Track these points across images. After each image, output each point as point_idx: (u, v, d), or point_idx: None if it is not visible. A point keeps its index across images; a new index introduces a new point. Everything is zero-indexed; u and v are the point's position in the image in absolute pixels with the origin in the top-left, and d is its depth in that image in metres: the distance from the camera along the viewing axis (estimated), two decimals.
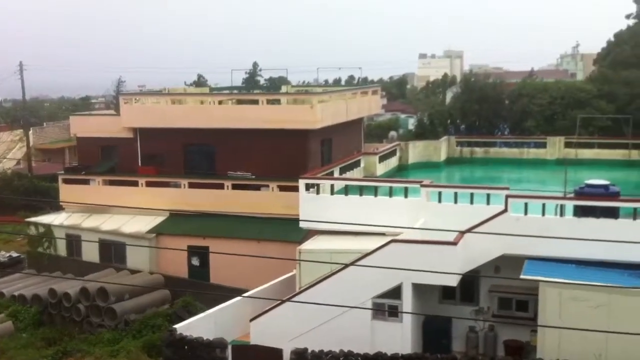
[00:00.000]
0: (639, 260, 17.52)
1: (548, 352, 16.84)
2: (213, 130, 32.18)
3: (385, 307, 18.85)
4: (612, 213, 18.34)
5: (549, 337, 17.03)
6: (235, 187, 31.69)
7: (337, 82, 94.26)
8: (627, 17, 48.59)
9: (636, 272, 17.49)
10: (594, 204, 18.57)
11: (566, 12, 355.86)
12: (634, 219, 18.16)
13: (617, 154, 31.62)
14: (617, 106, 40.32)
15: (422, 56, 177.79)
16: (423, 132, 44.39)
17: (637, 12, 48.06)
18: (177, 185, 32.53)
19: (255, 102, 34.01)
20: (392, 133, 51.02)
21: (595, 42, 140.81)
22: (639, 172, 29.64)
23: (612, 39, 49.63)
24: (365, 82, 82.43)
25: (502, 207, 19.02)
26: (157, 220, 31.53)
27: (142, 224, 31.51)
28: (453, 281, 18.24)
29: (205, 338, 18.87)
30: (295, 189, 22.58)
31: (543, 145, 33.24)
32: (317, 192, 22.09)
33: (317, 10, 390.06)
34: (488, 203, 19.92)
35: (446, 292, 20.08)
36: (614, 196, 19.28)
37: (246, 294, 21.75)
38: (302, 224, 21.74)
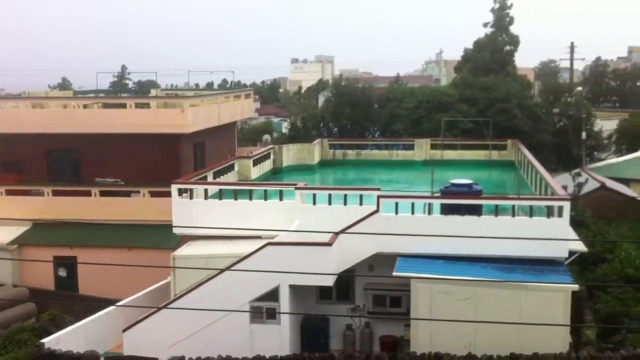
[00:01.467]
0: (501, 254, 18.50)
1: (421, 345, 17.44)
2: (78, 136, 30.90)
3: (263, 309, 18.80)
4: (476, 210, 19.24)
5: (422, 330, 17.65)
6: (103, 194, 30.58)
7: (209, 85, 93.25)
8: (485, 25, 51.46)
9: (499, 265, 18.47)
10: (459, 202, 19.44)
11: (430, 20, 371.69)
12: (496, 215, 19.15)
13: (479, 155, 33.31)
14: (478, 109, 42.48)
15: (294, 61, 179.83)
16: (296, 136, 44.76)
17: (494, 21, 51.04)
18: (40, 194, 30.92)
19: (123, 106, 33.00)
20: (266, 136, 51.19)
21: (457, 49, 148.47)
22: (499, 171, 31.37)
23: (472, 46, 52.34)
24: (238, 85, 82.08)
25: (374, 208, 19.48)
26: (19, 230, 29.85)
27: (3, 234, 29.73)
28: (329, 281, 18.48)
29: (75, 351, 17.99)
30: (168, 194, 22.03)
31: (411, 147, 34.44)
32: (191, 197, 21.68)
33: (186, 12, 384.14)
34: (361, 204, 20.34)
35: (323, 292, 20.32)
36: (477, 194, 20.27)
37: (118, 304, 21.00)
38: (175, 230, 21.25)
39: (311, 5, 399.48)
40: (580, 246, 19.07)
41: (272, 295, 18.68)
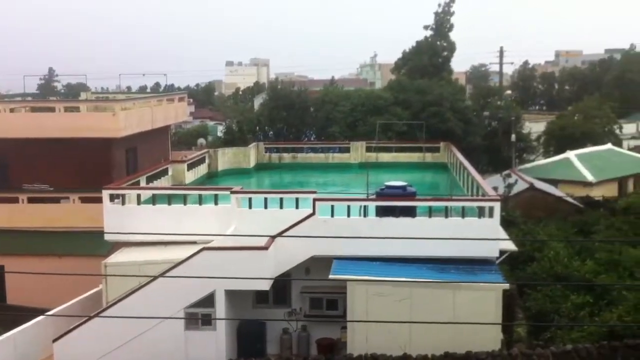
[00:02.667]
0: (435, 254, 18.78)
1: (357, 347, 17.53)
2: (5, 141, 29.86)
3: (199, 316, 18.55)
4: (410, 212, 19.49)
5: (358, 332, 17.74)
6: (31, 200, 29.62)
7: (142, 89, 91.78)
8: (426, 28, 51.90)
9: (434, 265, 18.75)
10: (394, 204, 19.63)
11: (365, 24, 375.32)
12: (429, 216, 19.44)
13: (413, 157, 33.79)
14: (412, 112, 43.01)
15: (229, 64, 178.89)
16: (232, 139, 44.41)
17: (435, 24, 51.60)
18: None
19: (52, 109, 32.05)
20: (201, 140, 50.65)
21: (390, 53, 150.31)
22: (432, 173, 31.88)
23: (409, 49, 52.83)
24: (171, 89, 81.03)
25: (311, 211, 19.49)
26: None
27: None
28: (266, 285, 18.39)
29: None
30: (99, 200, 21.51)
31: (347, 150, 34.66)
32: (123, 203, 21.21)
33: (118, 14, 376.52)
34: (297, 207, 20.29)
35: (260, 297, 20.20)
36: (411, 196, 20.52)
37: (48, 313, 20.36)
38: (107, 237, 20.76)
39: (247, 8, 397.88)
40: (510, 245, 19.55)
41: (208, 301, 18.45)
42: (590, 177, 39.59)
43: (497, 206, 19.06)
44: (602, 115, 53.85)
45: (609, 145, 47.46)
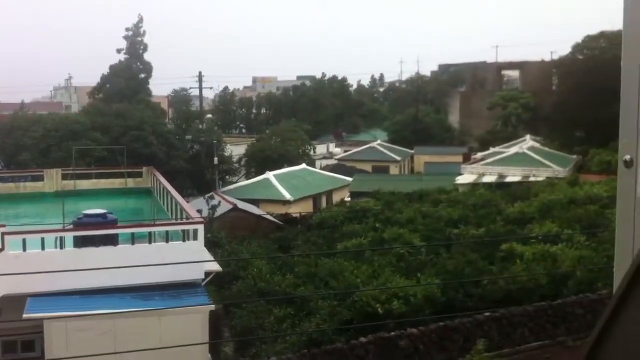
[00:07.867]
0: (141, 282, 18.26)
1: None
2: None
3: None
4: (112, 240, 18.77)
5: None
6: None
7: None
8: (119, 51, 51.08)
9: (138, 294, 18.22)
10: (92, 233, 18.74)
11: (61, 45, 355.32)
12: (132, 243, 18.92)
13: (115, 183, 32.79)
14: (112, 137, 41.86)
15: None
16: None
17: (127, 47, 51.00)
18: None
19: None
20: None
21: (90, 75, 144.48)
22: (135, 199, 31.23)
23: (107, 72, 51.54)
24: None
25: None
26: None
27: None
28: None
29: None
30: None
31: (40, 178, 32.42)
32: None
33: None
34: None
35: None
36: (112, 224, 19.80)
37: None
38: None
39: None
40: (215, 266, 19.84)
41: None
42: (288, 196, 42.06)
43: (200, 228, 19.25)
44: (297, 137, 57.84)
45: (303, 166, 51.05)
